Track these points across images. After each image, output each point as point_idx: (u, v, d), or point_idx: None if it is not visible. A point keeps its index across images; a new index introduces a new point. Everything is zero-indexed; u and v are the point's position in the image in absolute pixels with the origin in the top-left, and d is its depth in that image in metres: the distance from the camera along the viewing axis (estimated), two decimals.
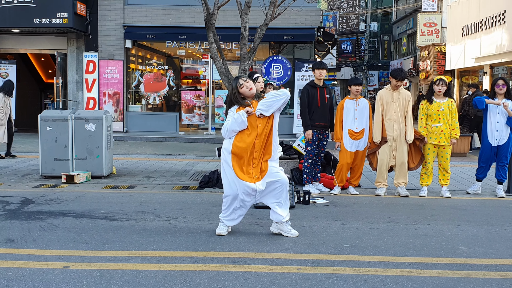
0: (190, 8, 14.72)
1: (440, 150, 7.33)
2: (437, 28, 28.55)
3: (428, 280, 4.00)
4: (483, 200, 7.24)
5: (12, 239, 4.89)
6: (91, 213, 6.00)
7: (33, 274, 3.97)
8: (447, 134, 7.28)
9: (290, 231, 5.11)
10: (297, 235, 5.10)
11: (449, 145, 7.32)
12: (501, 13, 20.01)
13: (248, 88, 4.99)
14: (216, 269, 4.14)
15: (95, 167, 8.21)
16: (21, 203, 6.47)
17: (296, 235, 5.10)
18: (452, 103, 7.28)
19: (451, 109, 7.27)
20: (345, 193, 7.50)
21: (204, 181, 7.75)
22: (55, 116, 8.22)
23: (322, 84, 7.50)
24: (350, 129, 7.35)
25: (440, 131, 7.26)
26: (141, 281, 3.86)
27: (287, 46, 16.82)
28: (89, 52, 15.76)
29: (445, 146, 7.30)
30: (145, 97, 16.38)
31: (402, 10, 37.21)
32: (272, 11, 8.25)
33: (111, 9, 15.77)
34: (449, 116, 7.25)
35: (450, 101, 7.29)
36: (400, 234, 5.33)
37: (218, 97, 15.86)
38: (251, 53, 8.36)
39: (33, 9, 14.43)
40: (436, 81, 7.34)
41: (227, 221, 5.15)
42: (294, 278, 3.98)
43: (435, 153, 7.36)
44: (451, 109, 7.27)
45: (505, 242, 5.12)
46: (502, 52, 19.63)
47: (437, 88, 7.27)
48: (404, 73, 7.35)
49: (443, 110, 7.24)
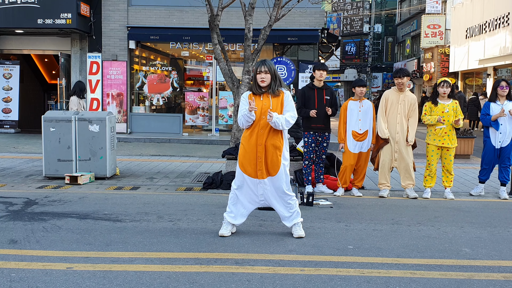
0: (194, 9, 14.76)
1: (444, 152, 7.32)
2: (441, 30, 28.51)
3: (431, 281, 3.99)
4: (486, 202, 7.22)
5: (15, 240, 4.90)
6: (95, 214, 6.01)
7: (36, 275, 3.97)
8: (451, 136, 7.27)
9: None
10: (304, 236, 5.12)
11: (453, 147, 7.31)
12: (505, 15, 19.97)
13: (261, 79, 4.96)
14: (220, 270, 4.14)
15: (98, 168, 8.22)
16: (25, 204, 6.48)
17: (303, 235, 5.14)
18: (456, 104, 7.28)
19: (456, 110, 7.27)
20: (348, 194, 7.49)
21: (207, 183, 7.75)
22: (58, 117, 8.24)
23: (322, 85, 7.49)
24: (353, 130, 7.35)
25: (444, 133, 7.25)
26: (144, 282, 3.86)
27: (291, 48, 16.83)
28: (92, 53, 15.80)
29: (448, 148, 7.28)
30: (149, 98, 16.40)
31: (406, 12, 37.19)
32: (276, 13, 8.26)
33: (114, 10, 15.81)
34: (453, 118, 7.24)
35: (455, 102, 7.29)
36: (404, 235, 5.32)
37: (222, 99, 15.87)
38: (255, 54, 8.37)
39: (37, 9, 14.48)
40: (440, 83, 7.33)
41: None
42: (298, 280, 3.97)
43: (439, 155, 7.35)
44: (456, 110, 7.27)
45: (508, 244, 5.11)
46: (506, 54, 19.59)
47: (442, 90, 7.26)
48: (404, 70, 7.32)
49: (448, 111, 7.23)
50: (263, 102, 4.98)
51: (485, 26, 22.10)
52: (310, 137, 7.45)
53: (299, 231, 5.13)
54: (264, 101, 4.99)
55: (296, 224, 5.15)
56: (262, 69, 4.93)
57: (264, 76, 4.93)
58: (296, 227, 5.15)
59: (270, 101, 4.97)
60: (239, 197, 5.16)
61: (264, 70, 4.93)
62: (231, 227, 5.20)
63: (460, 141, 12.04)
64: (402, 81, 7.22)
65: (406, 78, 7.25)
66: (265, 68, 4.93)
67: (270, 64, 4.99)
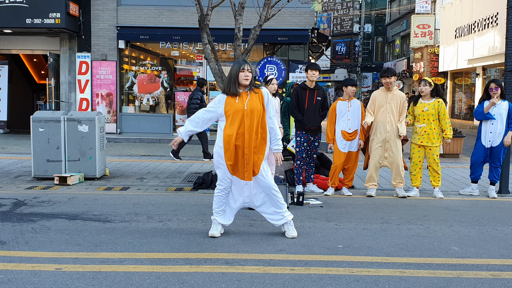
0: (184, 8, 14.71)
1: (427, 151, 7.36)
2: (430, 30, 28.68)
3: (421, 280, 4.01)
4: (475, 201, 7.28)
5: (3, 241, 4.86)
6: (84, 215, 5.98)
7: (25, 276, 3.94)
8: (431, 135, 7.28)
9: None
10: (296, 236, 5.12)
11: (435, 146, 7.31)
12: (494, 15, 20.14)
13: (245, 77, 4.96)
14: (210, 271, 4.14)
15: (88, 169, 8.18)
16: (13, 205, 6.43)
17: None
18: (439, 103, 7.24)
19: (439, 109, 7.27)
20: (338, 194, 7.52)
21: (198, 183, 7.74)
22: (47, 117, 8.18)
23: (314, 86, 7.50)
24: (343, 130, 7.37)
25: (423, 132, 7.29)
26: (134, 283, 3.85)
27: (282, 48, 16.84)
28: (82, 53, 15.70)
29: (430, 147, 7.31)
30: (139, 98, 16.33)
31: (396, 12, 37.37)
32: (266, 12, 8.26)
33: (104, 10, 15.73)
34: (435, 116, 7.24)
35: (437, 101, 7.27)
36: (393, 234, 5.34)
37: (212, 98, 15.83)
38: (245, 54, 8.36)
39: (25, 9, 14.36)
40: (420, 82, 7.45)
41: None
42: (288, 279, 3.98)
43: (421, 153, 7.39)
44: (439, 109, 7.27)
45: (496, 242, 5.15)
46: (495, 53, 19.75)
47: (419, 88, 7.35)
48: (390, 70, 7.35)
49: (427, 110, 7.25)
50: (244, 101, 4.96)
51: (474, 26, 22.26)
52: (303, 136, 7.46)
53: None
54: (243, 99, 4.97)
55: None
56: (246, 67, 4.97)
57: (248, 74, 4.96)
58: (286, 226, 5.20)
59: (248, 98, 4.99)
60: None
61: (247, 68, 4.97)
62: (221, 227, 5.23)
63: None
64: (390, 80, 7.25)
65: (393, 77, 7.30)
66: (248, 67, 4.99)
67: (249, 64, 5.10)
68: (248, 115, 4.93)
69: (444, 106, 7.31)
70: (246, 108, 4.93)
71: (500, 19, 18.94)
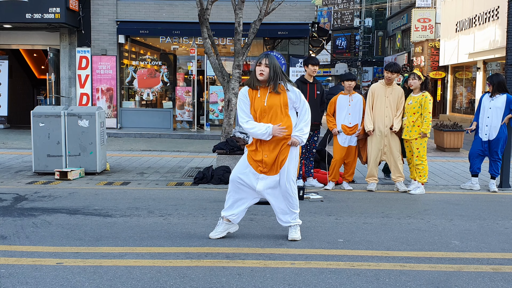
0: (184, 3, 14.69)
1: (407, 145, 7.36)
2: (431, 23, 28.60)
3: (421, 274, 4.02)
4: (475, 195, 7.28)
5: (4, 236, 4.87)
6: (85, 209, 5.99)
7: (26, 271, 3.95)
8: (410, 128, 7.22)
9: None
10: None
11: (414, 139, 7.18)
12: (495, 8, 20.07)
13: (259, 72, 4.70)
14: (210, 265, 4.15)
15: (88, 164, 8.18)
16: (14, 199, 6.44)
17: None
18: (424, 97, 7.12)
19: (423, 103, 7.14)
20: (339, 188, 7.52)
21: (198, 177, 7.74)
22: (47, 112, 8.18)
23: (313, 80, 7.48)
24: (343, 124, 7.36)
25: (403, 125, 7.29)
26: (135, 277, 3.86)
27: (282, 42, 16.81)
28: (82, 48, 15.68)
29: (407, 140, 7.29)
30: (139, 93, 16.31)
31: (396, 6, 37.25)
32: (266, 6, 8.24)
33: (103, 4, 15.70)
34: (416, 110, 7.15)
35: (423, 95, 7.16)
36: (394, 228, 5.35)
37: (212, 93, 15.79)
38: (245, 48, 8.35)
39: (25, 4, 14.33)
40: (409, 75, 7.41)
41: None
42: (288, 273, 3.98)
43: (408, 146, 7.38)
44: (423, 103, 7.14)
45: (497, 236, 5.15)
46: (496, 47, 19.70)
47: (408, 82, 7.31)
48: (397, 66, 7.34)
49: (411, 103, 7.21)
50: (264, 97, 4.73)
51: (475, 20, 22.20)
52: None
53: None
54: (264, 94, 4.74)
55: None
56: (262, 61, 4.70)
57: (263, 69, 4.68)
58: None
59: (267, 94, 4.71)
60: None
61: (264, 63, 4.69)
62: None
63: (449, 135, 12.14)
64: (393, 76, 7.24)
65: (395, 74, 7.26)
66: (266, 61, 4.69)
67: (272, 58, 4.75)
68: (266, 112, 4.70)
69: (428, 100, 7.13)
70: (266, 105, 4.69)
71: (501, 13, 18.87)
